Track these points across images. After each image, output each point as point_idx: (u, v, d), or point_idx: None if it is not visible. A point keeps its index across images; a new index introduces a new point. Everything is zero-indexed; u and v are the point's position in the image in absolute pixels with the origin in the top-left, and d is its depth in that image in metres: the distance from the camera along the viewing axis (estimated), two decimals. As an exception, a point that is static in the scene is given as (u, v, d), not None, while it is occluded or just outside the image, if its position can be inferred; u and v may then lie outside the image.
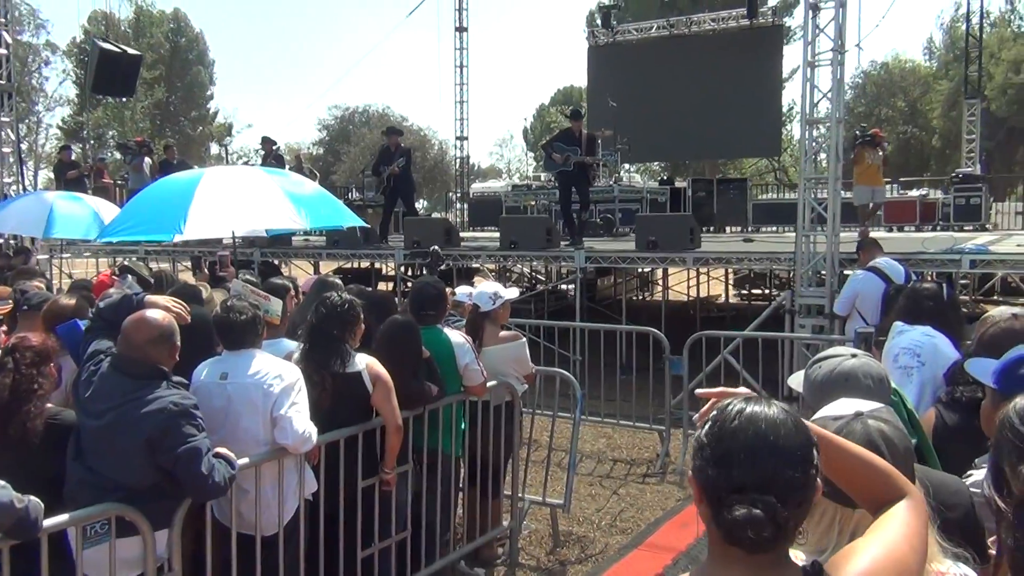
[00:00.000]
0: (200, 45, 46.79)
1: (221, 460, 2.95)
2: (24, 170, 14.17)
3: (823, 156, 8.85)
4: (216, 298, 4.36)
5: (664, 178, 21.79)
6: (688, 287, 15.41)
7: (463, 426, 4.46)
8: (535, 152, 48.26)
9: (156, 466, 2.88)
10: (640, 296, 17.17)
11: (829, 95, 8.21)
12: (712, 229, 15.51)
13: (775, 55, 19.24)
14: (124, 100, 32.52)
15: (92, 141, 36.39)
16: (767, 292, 15.57)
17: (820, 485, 1.29)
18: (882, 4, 22.74)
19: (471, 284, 5.28)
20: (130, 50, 13.67)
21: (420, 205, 24.30)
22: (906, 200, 15.80)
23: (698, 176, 22.37)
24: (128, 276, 5.05)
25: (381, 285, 13.82)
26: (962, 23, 25.85)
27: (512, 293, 4.99)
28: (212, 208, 5.48)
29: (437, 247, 7.14)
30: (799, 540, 1.50)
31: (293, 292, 4.61)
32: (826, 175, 8.37)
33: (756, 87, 18.79)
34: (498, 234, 11.20)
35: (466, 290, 4.93)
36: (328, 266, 13.66)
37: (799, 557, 1.45)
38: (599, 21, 22.20)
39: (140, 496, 2.85)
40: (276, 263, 12.41)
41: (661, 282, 14.67)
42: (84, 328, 3.41)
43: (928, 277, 8.10)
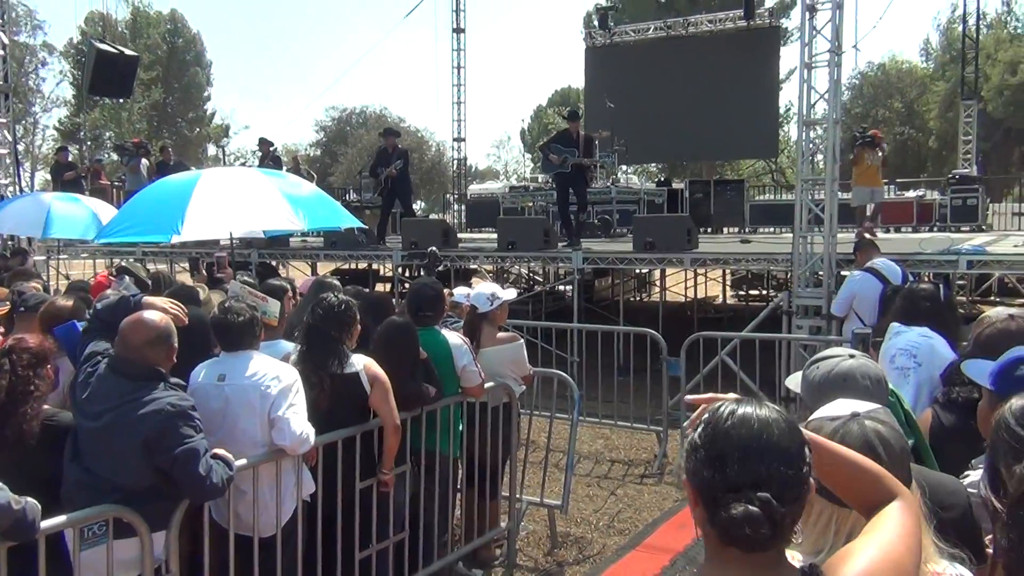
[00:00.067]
0: (197, 46, 46.74)
1: (219, 461, 2.95)
2: (21, 171, 14.13)
3: (820, 157, 8.87)
4: (214, 299, 4.36)
5: (661, 179, 21.79)
6: (685, 288, 15.42)
7: (461, 427, 4.45)
8: (532, 153, 48.20)
9: (153, 467, 2.88)
10: (637, 297, 17.20)
11: (826, 96, 8.23)
12: (709, 230, 15.50)
13: (772, 56, 19.23)
14: (121, 101, 32.44)
15: (89, 142, 36.40)
16: (764, 293, 15.60)
17: (813, 483, 1.30)
18: (879, 5, 22.53)
19: (469, 285, 5.26)
20: (127, 51, 13.62)
21: (418, 206, 24.21)
22: (903, 201, 15.82)
23: (695, 177, 22.35)
24: (125, 277, 5.06)
25: (379, 286, 13.80)
26: (959, 24, 25.99)
27: (510, 294, 4.97)
28: (210, 209, 5.48)
29: (435, 248, 7.16)
30: (795, 540, 1.50)
31: (291, 293, 4.61)
32: (823, 176, 8.36)
33: (753, 88, 18.78)
34: (496, 235, 11.18)
35: (464, 291, 4.93)
36: (326, 267, 13.64)
37: (796, 558, 1.46)
38: (596, 22, 22.13)
39: (137, 497, 2.84)
40: (274, 264, 12.42)
41: (658, 283, 14.70)
42: (81, 329, 3.41)
43: (925, 278, 8.14)
